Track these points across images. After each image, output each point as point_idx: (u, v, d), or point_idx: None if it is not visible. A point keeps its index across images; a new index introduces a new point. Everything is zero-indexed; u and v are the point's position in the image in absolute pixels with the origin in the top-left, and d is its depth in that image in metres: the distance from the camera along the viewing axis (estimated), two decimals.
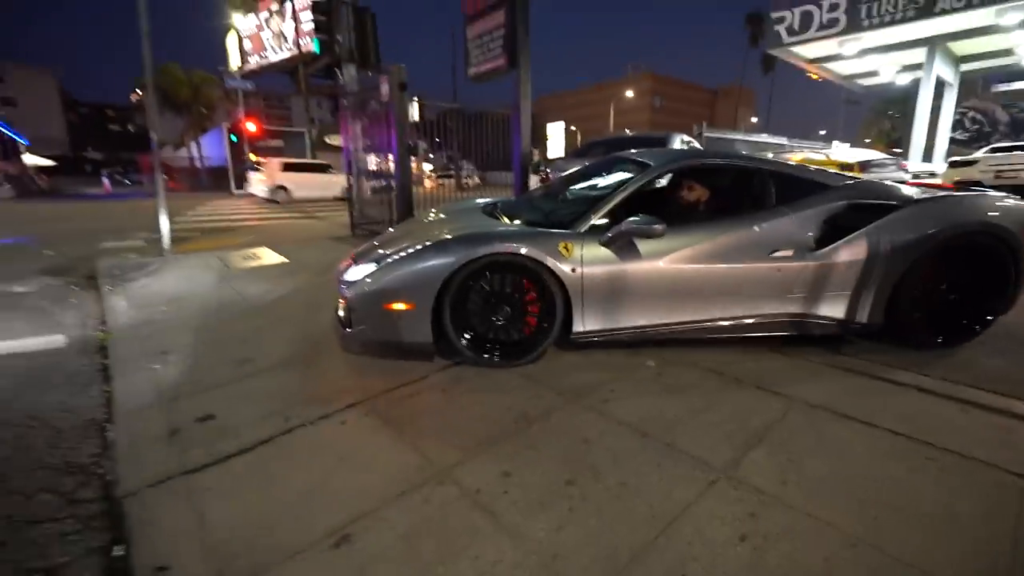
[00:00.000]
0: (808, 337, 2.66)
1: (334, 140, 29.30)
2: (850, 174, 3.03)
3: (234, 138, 25.10)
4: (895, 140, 29.93)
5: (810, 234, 2.58)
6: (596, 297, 2.49)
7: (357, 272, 2.59)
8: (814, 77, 19.47)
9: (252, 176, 7.18)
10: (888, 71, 18.63)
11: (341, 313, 2.71)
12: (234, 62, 26.60)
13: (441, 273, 2.35)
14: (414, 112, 6.57)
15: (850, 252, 2.53)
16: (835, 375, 2.39)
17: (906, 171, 11.80)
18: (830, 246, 2.54)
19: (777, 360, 2.56)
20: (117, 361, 2.79)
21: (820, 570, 1.29)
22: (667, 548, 1.37)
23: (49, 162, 30.12)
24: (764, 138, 21.60)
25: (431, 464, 1.77)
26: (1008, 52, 15.84)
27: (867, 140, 37.37)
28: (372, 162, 6.68)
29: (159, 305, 3.81)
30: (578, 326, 2.52)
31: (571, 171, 3.95)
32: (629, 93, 54.61)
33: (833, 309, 2.59)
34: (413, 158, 7.25)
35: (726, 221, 2.64)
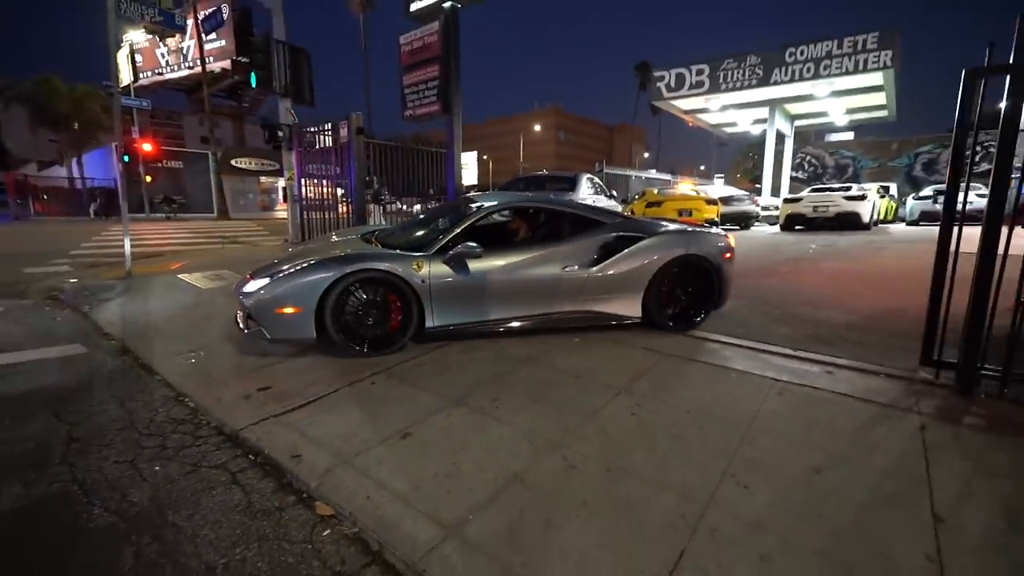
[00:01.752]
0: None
1: (242, 163, 28.27)
2: (623, 213, 4.35)
3: (126, 158, 23.36)
4: (757, 177, 35.41)
5: (593, 256, 3.79)
6: (441, 301, 3.44)
7: (254, 285, 3.37)
8: (690, 124, 22.97)
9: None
10: (744, 123, 22.57)
11: (239, 319, 3.53)
12: (126, 78, 24.94)
13: (321, 284, 3.17)
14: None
15: (614, 268, 3.72)
16: (689, 341, 3.70)
17: (757, 205, 14.61)
18: (601, 264, 3.77)
19: (656, 335, 3.82)
20: (152, 359, 3.37)
21: (671, 423, 2.45)
22: (595, 422, 2.47)
23: None
24: (653, 174, 24.70)
25: (445, 398, 2.72)
26: (824, 113, 20.12)
27: (738, 175, 43.49)
28: (316, 191, 7.37)
29: (153, 318, 4.29)
30: (429, 322, 3.45)
31: (434, 208, 5.14)
32: (537, 127, 58.29)
33: (611, 307, 3.83)
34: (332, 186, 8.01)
35: (534, 245, 3.83)
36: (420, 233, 4.01)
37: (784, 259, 7.91)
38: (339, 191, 8.08)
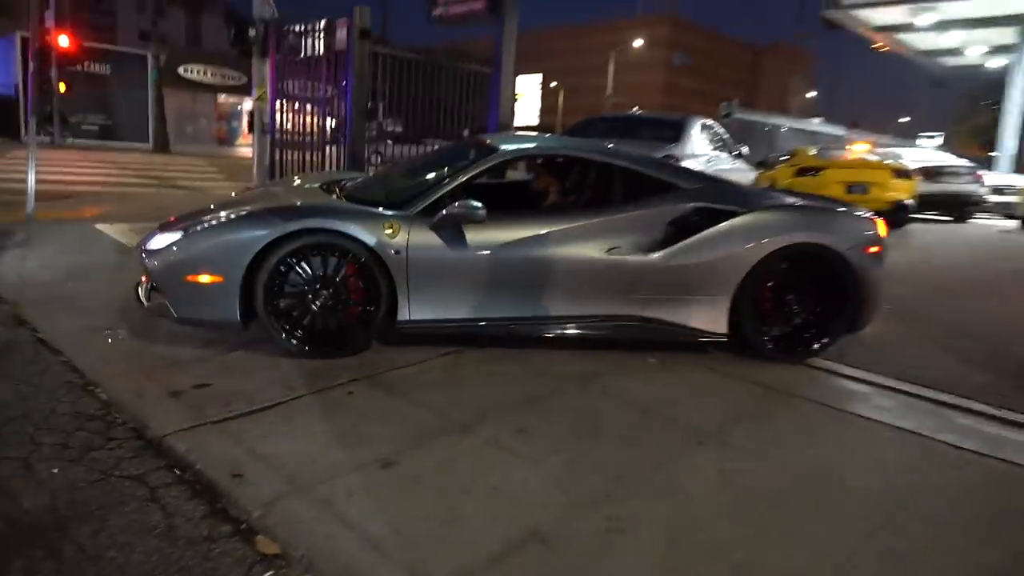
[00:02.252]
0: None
1: (194, 73, 29.92)
2: (711, 175, 4.49)
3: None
4: (991, 140, 33.76)
5: (655, 235, 3.82)
6: (423, 284, 3.58)
7: (162, 240, 3.61)
8: (881, 48, 22.28)
9: None
10: (976, 50, 21.65)
11: (140, 288, 3.76)
12: None
13: (253, 245, 3.35)
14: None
15: (686, 256, 3.76)
16: (822, 378, 3.81)
17: (982, 183, 14.04)
18: (668, 249, 3.76)
19: (770, 366, 3.90)
20: (55, 334, 3.79)
21: (778, 488, 2.56)
22: (662, 475, 2.61)
23: None
24: (816, 124, 24.18)
25: (451, 422, 2.94)
26: None
27: (962, 137, 41.61)
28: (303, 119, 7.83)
29: (61, 280, 4.78)
30: (403, 314, 3.61)
31: (431, 151, 5.26)
32: (638, 43, 57.97)
33: (679, 315, 3.85)
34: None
35: (566, 214, 3.94)
36: (403, 185, 4.17)
37: (1015, 271, 7.67)
38: (330, 122, 8.51)
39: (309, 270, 3.52)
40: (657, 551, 2.17)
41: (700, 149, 8.89)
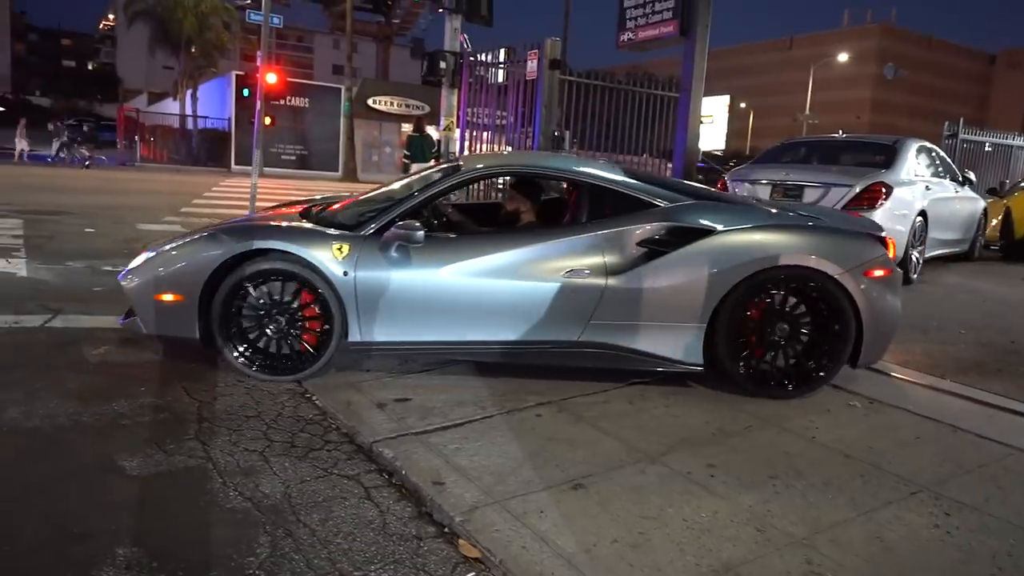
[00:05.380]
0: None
1: (382, 103, 32.63)
2: (708, 189, 4.52)
3: (246, 92, 28.75)
4: None
5: (621, 256, 3.73)
6: (373, 306, 3.73)
7: (137, 260, 3.99)
8: None
9: None
10: None
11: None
12: None
13: (209, 264, 3.65)
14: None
15: (652, 278, 3.68)
16: None
17: None
18: (628, 272, 3.69)
19: (1006, 416, 3.70)
20: None
21: (1004, 551, 2.46)
22: (866, 524, 2.61)
23: None
24: None
25: (637, 451, 3.12)
26: None
27: None
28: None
29: None
30: (354, 335, 3.78)
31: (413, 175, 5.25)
32: (842, 57, 55.17)
33: (647, 343, 3.74)
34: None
35: (519, 235, 3.93)
36: (366, 208, 4.35)
37: None
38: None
39: (265, 291, 3.80)
40: None
41: (916, 175, 8.42)
